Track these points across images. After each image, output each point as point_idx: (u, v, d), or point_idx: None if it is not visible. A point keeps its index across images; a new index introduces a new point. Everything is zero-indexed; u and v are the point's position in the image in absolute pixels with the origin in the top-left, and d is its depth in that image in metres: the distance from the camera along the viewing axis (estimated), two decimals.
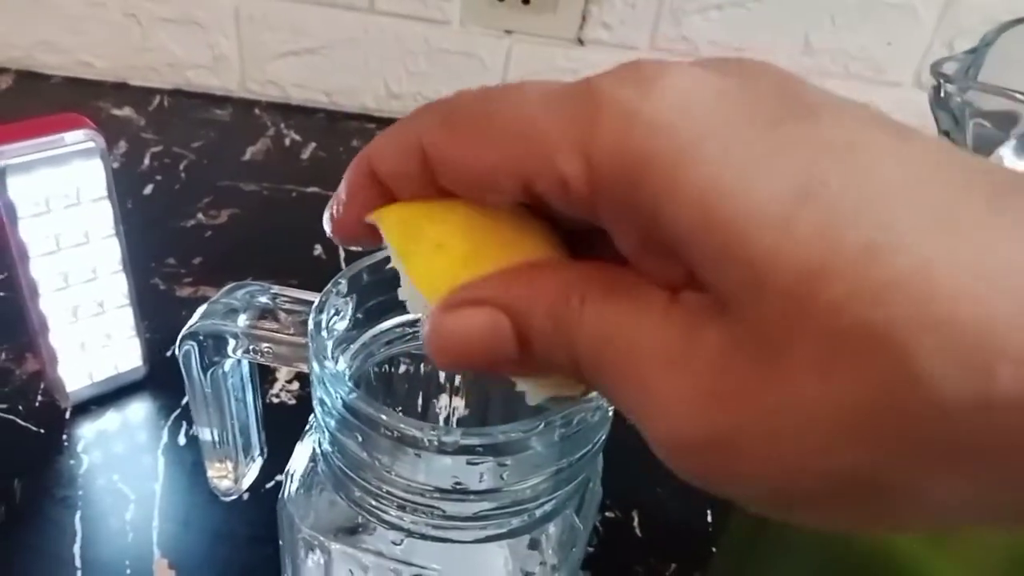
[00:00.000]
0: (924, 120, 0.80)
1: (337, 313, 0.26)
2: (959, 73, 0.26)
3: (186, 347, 0.27)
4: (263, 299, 0.28)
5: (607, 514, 0.45)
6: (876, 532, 0.14)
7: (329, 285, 0.26)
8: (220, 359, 0.27)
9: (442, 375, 0.35)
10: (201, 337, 0.27)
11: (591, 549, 0.43)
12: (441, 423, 0.36)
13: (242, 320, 0.27)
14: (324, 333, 0.24)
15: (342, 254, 0.61)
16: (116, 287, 0.45)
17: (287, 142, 0.74)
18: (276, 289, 0.28)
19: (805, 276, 0.13)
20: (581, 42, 0.74)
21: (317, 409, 0.25)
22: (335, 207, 0.21)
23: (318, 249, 0.61)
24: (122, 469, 0.44)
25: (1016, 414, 0.12)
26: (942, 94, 0.26)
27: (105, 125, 0.73)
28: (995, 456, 0.12)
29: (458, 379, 0.35)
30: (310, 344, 0.24)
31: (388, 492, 0.24)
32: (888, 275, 0.12)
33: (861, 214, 0.13)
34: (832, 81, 0.74)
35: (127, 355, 0.47)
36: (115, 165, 0.67)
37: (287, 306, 0.28)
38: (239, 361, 0.28)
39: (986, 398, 0.12)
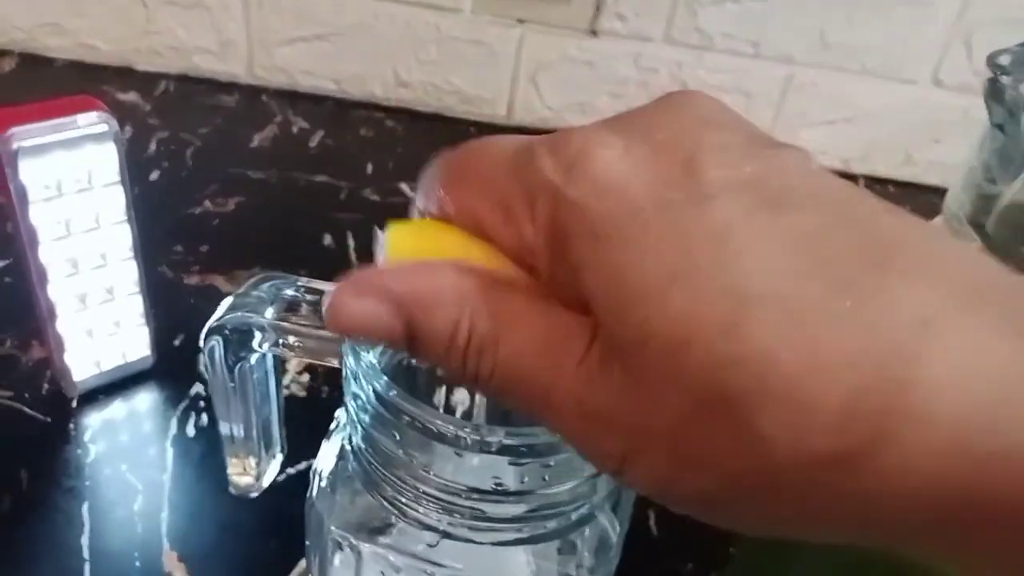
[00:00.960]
0: (939, 115, 0.79)
1: None
2: (1015, 65, 0.26)
3: (211, 342, 0.26)
4: (289, 291, 0.27)
5: None
6: (735, 530, 0.18)
7: None
8: (246, 353, 0.26)
9: None
10: (227, 331, 0.26)
11: None
12: (458, 416, 0.35)
13: (269, 313, 0.26)
14: None
15: (351, 243, 0.60)
16: (126, 274, 0.44)
17: (295, 130, 0.73)
18: (302, 281, 0.27)
19: (674, 345, 0.16)
20: (595, 33, 0.73)
21: (350, 404, 0.24)
22: None
23: (327, 239, 0.60)
24: (130, 459, 0.43)
25: (825, 469, 0.15)
26: (997, 86, 0.25)
27: (110, 110, 0.72)
28: (809, 494, 0.16)
29: None
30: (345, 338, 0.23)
31: (424, 492, 0.23)
32: (738, 352, 0.15)
33: (722, 297, 0.15)
34: (848, 78, 0.73)
35: (135, 343, 0.46)
36: None
37: (313, 298, 0.27)
38: (264, 355, 0.27)
39: (805, 457, 0.15)
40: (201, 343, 0.27)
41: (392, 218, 0.22)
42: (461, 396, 0.35)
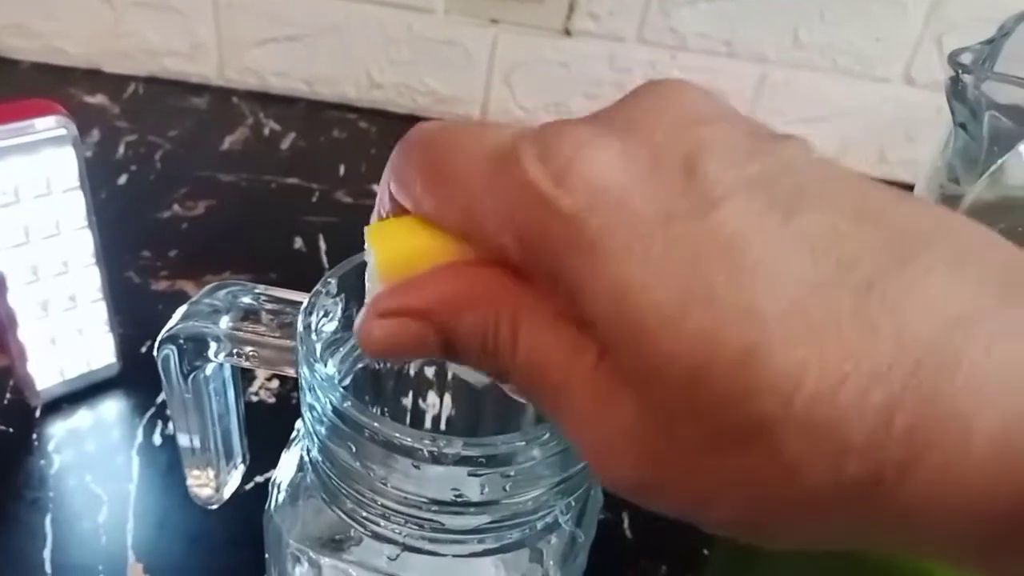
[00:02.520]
0: (912, 113, 0.79)
1: (326, 315, 0.25)
2: (976, 63, 0.25)
3: (165, 351, 0.25)
4: (246, 299, 0.26)
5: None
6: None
7: (319, 285, 0.25)
8: (201, 363, 0.26)
9: (430, 373, 0.34)
10: (181, 340, 0.25)
11: None
12: (429, 422, 0.35)
13: (224, 322, 0.25)
14: (314, 336, 0.23)
15: (323, 247, 0.59)
16: (89, 280, 0.43)
17: (266, 132, 0.72)
18: (260, 289, 0.27)
19: (691, 375, 0.15)
20: (568, 33, 0.72)
21: (306, 415, 0.23)
22: None
23: (298, 242, 0.59)
24: (95, 469, 0.42)
25: (861, 492, 0.14)
26: (959, 85, 0.25)
27: (77, 113, 0.70)
28: (846, 516, 0.15)
29: (449, 376, 0.34)
30: (299, 348, 0.23)
31: (382, 505, 0.23)
32: (760, 378, 0.14)
33: (739, 318, 0.14)
34: (821, 76, 0.73)
35: (100, 351, 0.46)
36: (88, 154, 0.65)
37: (272, 307, 0.26)
38: (221, 365, 0.27)
39: (838, 482, 0.14)
40: (155, 353, 0.26)
41: (367, 222, 0.21)
42: (432, 400, 0.35)
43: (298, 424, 0.27)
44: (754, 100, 0.75)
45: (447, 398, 0.34)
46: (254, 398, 0.47)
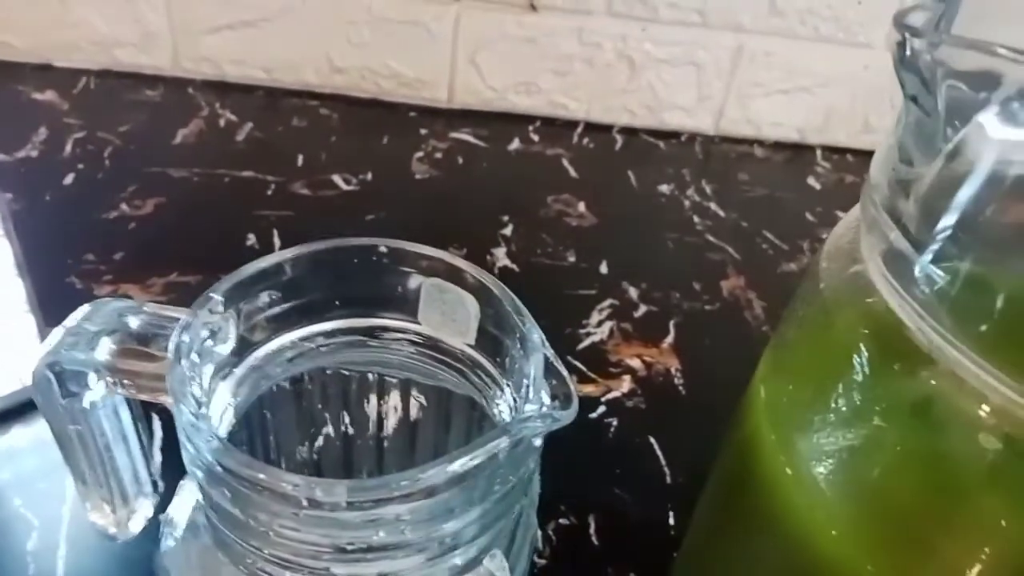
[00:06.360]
0: (896, 79, 0.76)
1: (214, 334, 0.22)
2: (928, 26, 0.22)
3: (41, 379, 0.23)
4: (133, 320, 0.24)
5: (561, 520, 0.41)
6: None
7: (200, 299, 0.22)
8: (80, 391, 0.23)
9: (371, 377, 0.31)
10: (58, 369, 0.23)
11: (543, 561, 0.40)
12: (372, 430, 0.32)
13: (105, 346, 0.23)
14: (185, 361, 0.20)
15: (277, 242, 0.56)
16: (13, 293, 0.41)
17: (222, 123, 0.69)
18: (152, 308, 0.24)
19: None
20: (534, 7, 0.69)
21: (184, 455, 0.21)
22: None
23: (251, 238, 0.56)
24: (26, 493, 0.40)
25: None
26: (908, 52, 0.22)
27: (24, 110, 0.68)
28: None
29: (387, 381, 0.31)
30: (167, 378, 0.20)
31: (270, 555, 0.20)
32: None
33: None
34: (800, 44, 0.70)
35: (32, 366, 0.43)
36: (33, 154, 0.63)
37: (166, 328, 0.24)
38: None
39: None
40: (29, 381, 0.23)
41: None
42: (371, 410, 0.32)
43: None
44: (731, 72, 0.72)
45: (386, 405, 0.32)
46: None
